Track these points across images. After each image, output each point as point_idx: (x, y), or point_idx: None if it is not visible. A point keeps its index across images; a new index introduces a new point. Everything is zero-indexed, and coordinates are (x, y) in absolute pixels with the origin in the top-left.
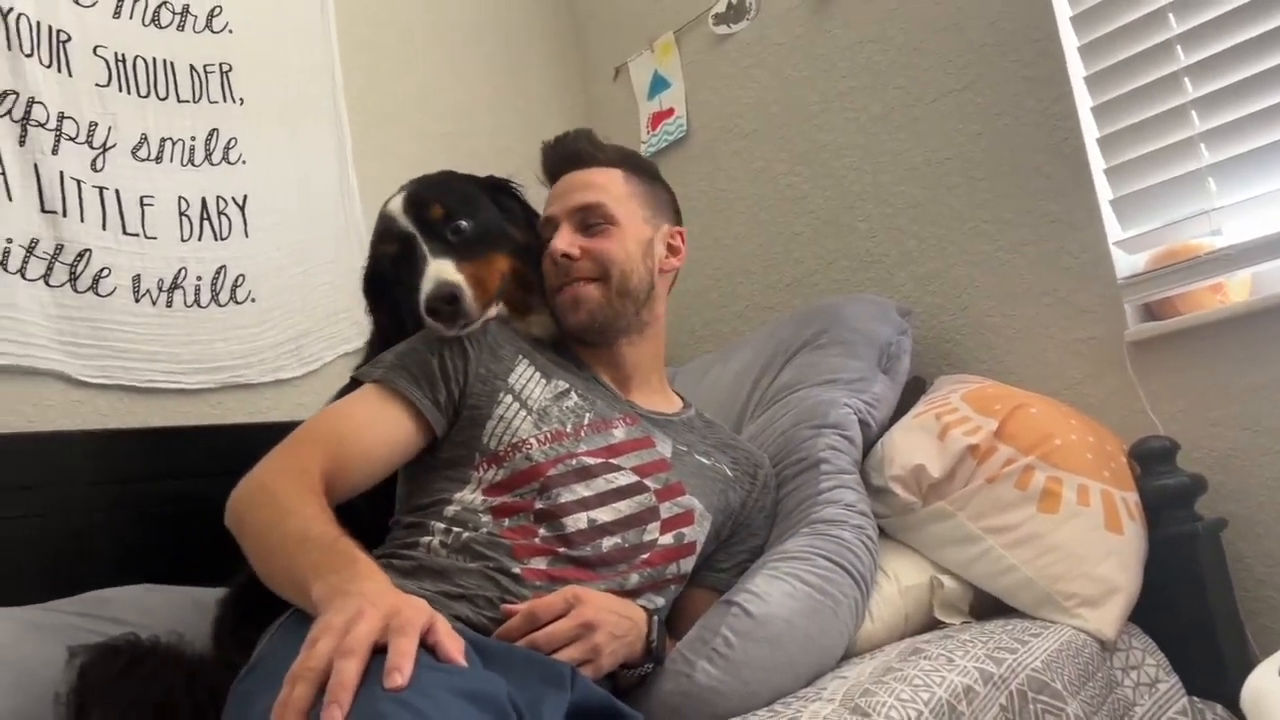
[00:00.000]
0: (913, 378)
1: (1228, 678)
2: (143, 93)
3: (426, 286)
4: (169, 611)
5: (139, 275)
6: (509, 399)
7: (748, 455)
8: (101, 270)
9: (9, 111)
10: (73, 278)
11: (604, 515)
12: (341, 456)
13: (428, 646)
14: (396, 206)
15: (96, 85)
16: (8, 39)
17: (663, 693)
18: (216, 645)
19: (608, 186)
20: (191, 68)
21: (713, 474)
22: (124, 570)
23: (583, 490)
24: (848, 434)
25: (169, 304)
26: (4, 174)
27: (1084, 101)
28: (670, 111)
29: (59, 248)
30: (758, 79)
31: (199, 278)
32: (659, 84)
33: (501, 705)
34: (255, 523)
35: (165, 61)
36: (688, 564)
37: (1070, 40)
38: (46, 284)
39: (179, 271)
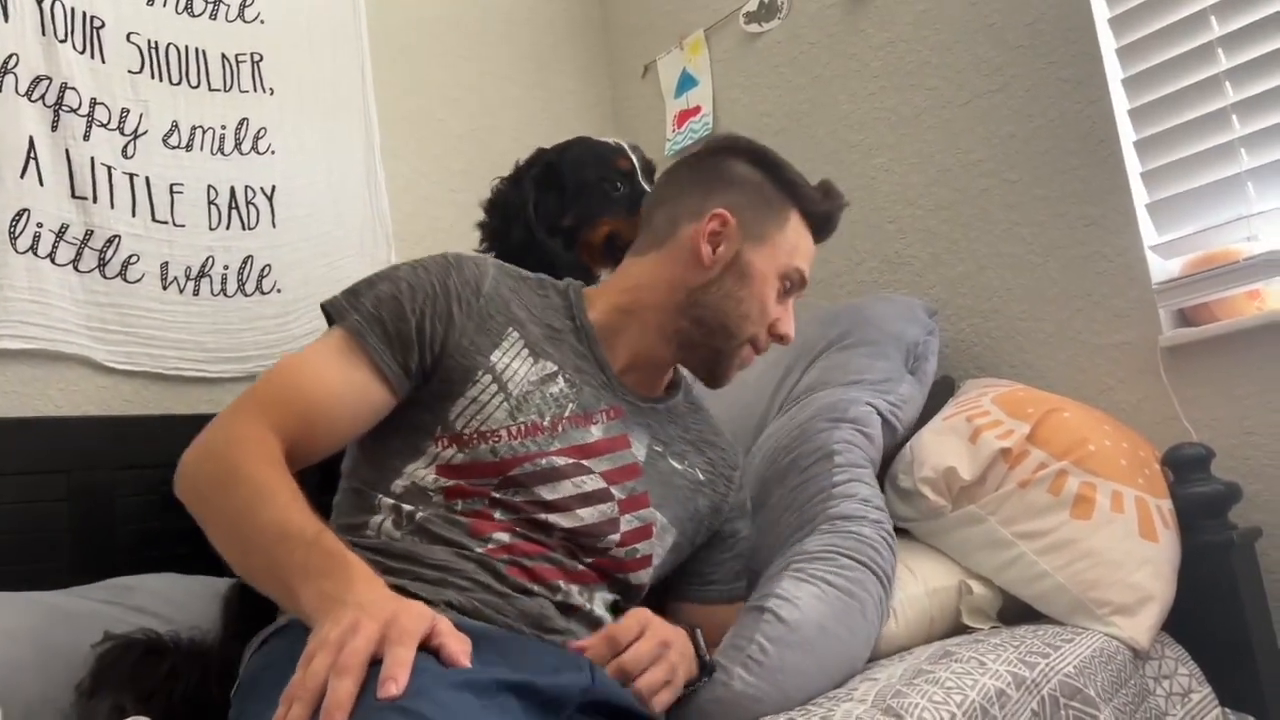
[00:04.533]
0: (941, 377)
1: (1260, 688)
2: (174, 80)
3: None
4: (191, 602)
5: (167, 263)
6: (487, 379)
7: (724, 456)
8: (130, 257)
9: (42, 96)
10: (101, 263)
11: (564, 521)
12: (308, 423)
13: (431, 649)
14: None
15: (129, 72)
16: (42, 24)
17: (699, 700)
18: (224, 648)
19: None
20: (223, 56)
21: (683, 480)
22: (146, 555)
23: (546, 494)
24: (866, 430)
25: (196, 292)
26: (36, 159)
27: (1121, 104)
28: (697, 110)
29: (89, 233)
30: (788, 78)
31: (226, 267)
32: (687, 82)
33: (499, 686)
34: (223, 507)
35: (197, 50)
36: (639, 577)
37: (1108, 42)
38: (75, 269)
39: (206, 260)
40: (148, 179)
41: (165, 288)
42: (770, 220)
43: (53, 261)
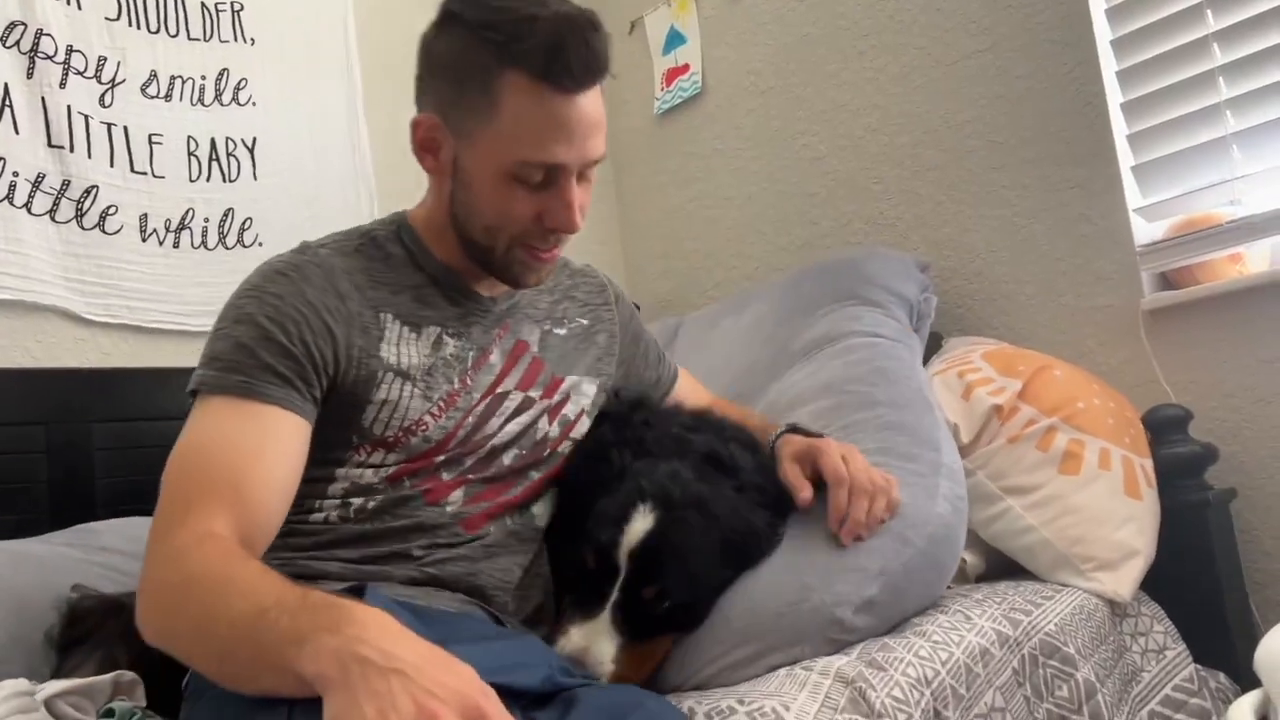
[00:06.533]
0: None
1: (1232, 647)
2: (153, 28)
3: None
4: None
5: (146, 214)
6: (390, 377)
7: (588, 284)
8: (108, 208)
9: (17, 43)
10: (79, 214)
11: (502, 438)
12: (245, 498)
13: None
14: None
15: (106, 19)
16: None
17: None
18: None
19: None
20: (203, 5)
21: (574, 338)
22: (123, 507)
23: (482, 434)
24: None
25: (176, 244)
26: (11, 106)
27: (1109, 65)
28: (685, 68)
29: (65, 183)
30: (776, 36)
31: (206, 219)
32: (675, 39)
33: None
34: (188, 623)
35: None
36: (579, 430)
37: (1098, 3)
38: (52, 219)
39: (186, 212)
40: (126, 129)
41: (144, 240)
42: (476, 107)
43: (29, 211)
